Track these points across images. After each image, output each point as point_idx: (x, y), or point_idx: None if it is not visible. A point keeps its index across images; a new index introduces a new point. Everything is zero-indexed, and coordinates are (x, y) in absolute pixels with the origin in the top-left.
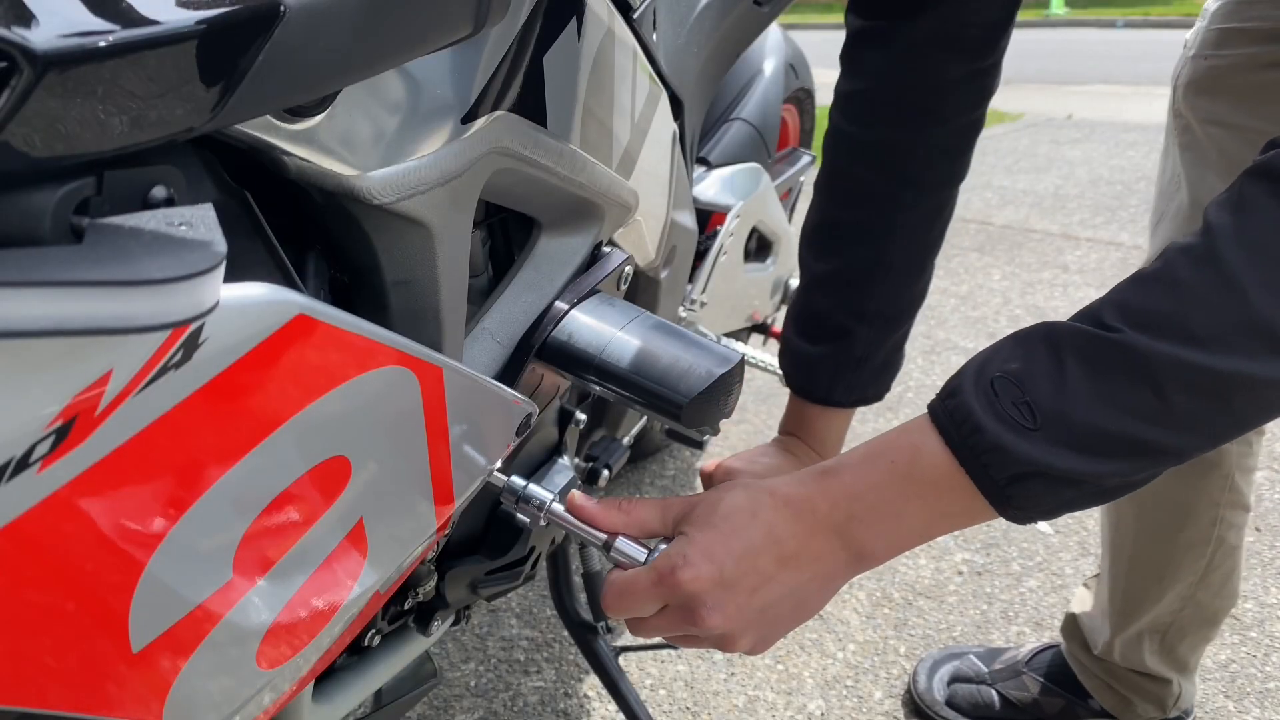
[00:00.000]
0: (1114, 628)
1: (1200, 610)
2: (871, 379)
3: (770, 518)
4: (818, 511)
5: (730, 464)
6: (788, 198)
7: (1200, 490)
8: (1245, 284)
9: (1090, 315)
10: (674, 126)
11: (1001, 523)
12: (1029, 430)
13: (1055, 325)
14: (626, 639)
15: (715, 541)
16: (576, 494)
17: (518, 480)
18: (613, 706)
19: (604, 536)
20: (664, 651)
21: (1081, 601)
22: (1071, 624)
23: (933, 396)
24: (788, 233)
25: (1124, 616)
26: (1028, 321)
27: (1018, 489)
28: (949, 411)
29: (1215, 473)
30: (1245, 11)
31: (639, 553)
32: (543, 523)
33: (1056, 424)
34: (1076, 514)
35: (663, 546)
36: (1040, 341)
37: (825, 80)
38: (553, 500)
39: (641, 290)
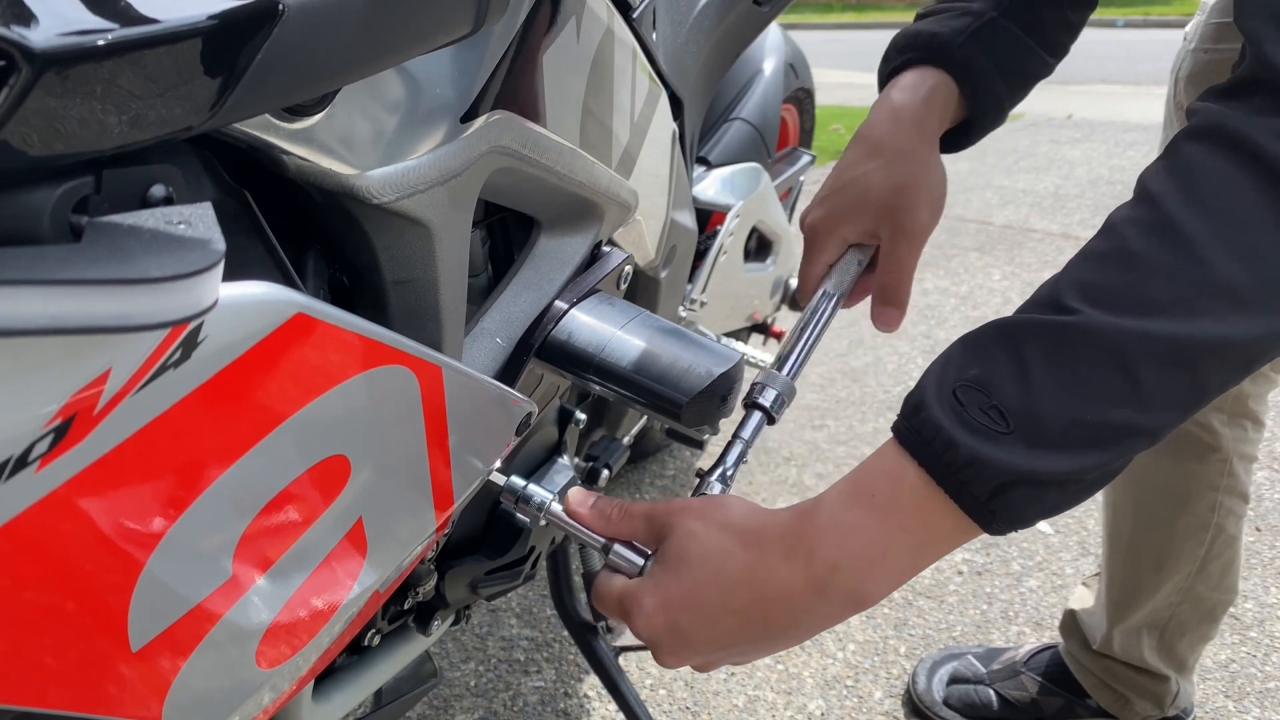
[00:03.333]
0: (1112, 619)
1: (1199, 604)
2: (987, 67)
3: (737, 575)
4: (793, 565)
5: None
6: (788, 197)
7: (1198, 476)
8: (1199, 244)
9: (1044, 300)
10: (674, 126)
11: None
12: (1002, 435)
13: (1008, 321)
14: (626, 639)
15: (673, 592)
16: (573, 496)
17: (517, 480)
18: (613, 706)
19: (603, 540)
20: None
21: (1081, 599)
22: (1070, 621)
23: None
24: (788, 232)
25: (1122, 607)
26: None
27: (1000, 501)
28: (916, 430)
29: (1213, 457)
30: None
31: (636, 559)
32: (542, 523)
33: (1029, 424)
34: (1076, 514)
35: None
36: (995, 340)
37: (825, 80)
38: (552, 500)
39: (641, 290)
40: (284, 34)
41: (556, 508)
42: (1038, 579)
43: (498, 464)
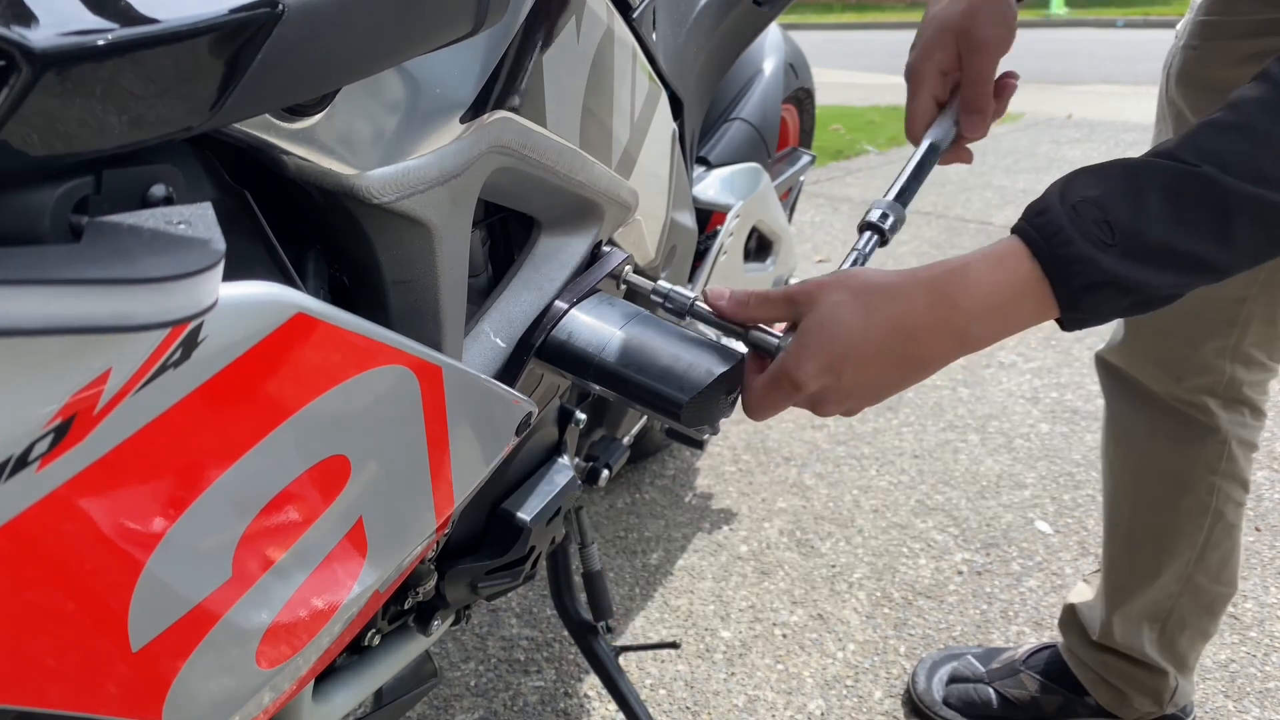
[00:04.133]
0: (1111, 605)
1: (1198, 596)
2: None
3: (887, 326)
4: (937, 314)
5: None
6: (787, 197)
7: (1197, 458)
8: None
9: (1165, 154)
10: (674, 126)
11: (1001, 523)
12: (1108, 245)
13: (1134, 160)
14: (626, 639)
15: (834, 351)
16: (710, 291)
17: (663, 284)
18: (613, 706)
19: (742, 328)
20: (664, 651)
21: (1080, 594)
22: (1070, 615)
23: (931, 396)
24: (787, 232)
25: (1122, 592)
26: None
27: (1087, 296)
28: (1038, 228)
29: (1212, 439)
30: (1227, 6)
31: (771, 341)
32: (686, 322)
33: (1131, 240)
34: (1077, 514)
35: (791, 340)
36: (1120, 172)
37: (825, 80)
38: (695, 300)
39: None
40: (284, 34)
41: (701, 306)
42: (1038, 579)
43: (495, 463)
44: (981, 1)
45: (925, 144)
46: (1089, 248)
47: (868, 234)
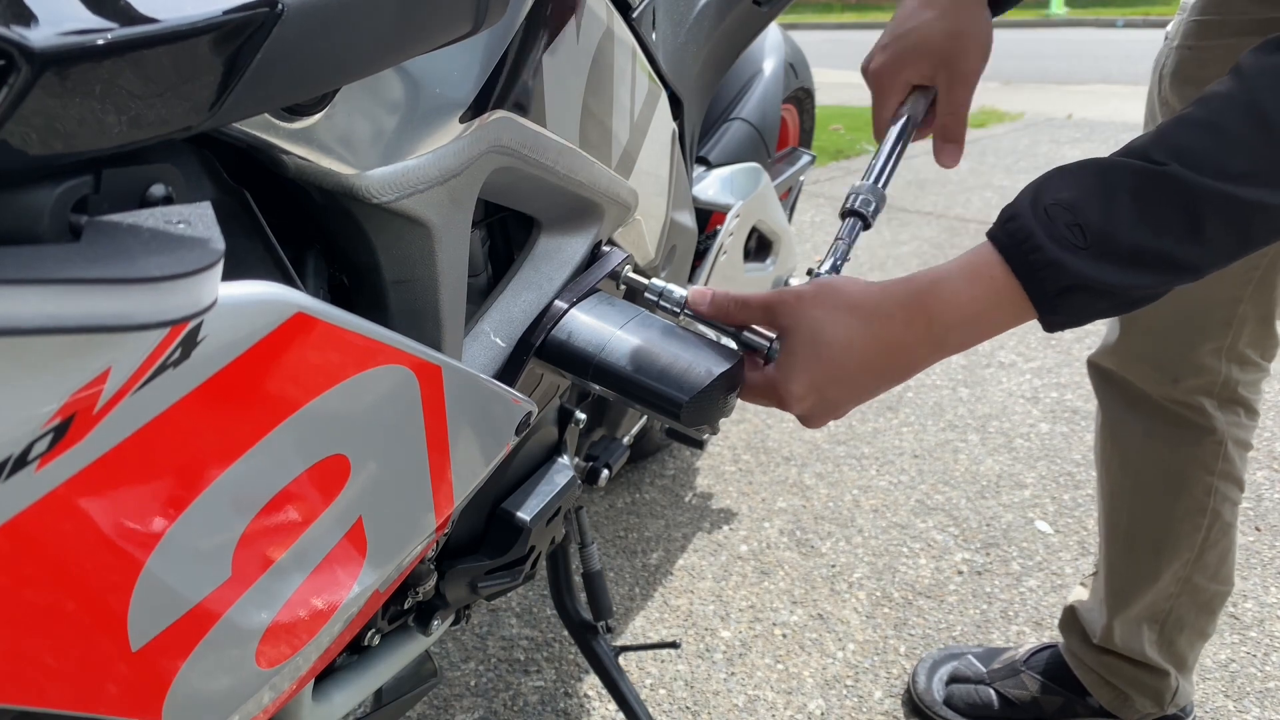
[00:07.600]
0: (1112, 610)
1: (1196, 595)
2: None
3: (869, 346)
4: (915, 329)
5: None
6: (787, 197)
7: (1194, 459)
8: (1277, 127)
9: (1137, 151)
10: (673, 126)
11: (1001, 523)
12: (1079, 249)
13: (1104, 160)
14: (626, 639)
15: (818, 372)
16: (692, 295)
17: (657, 282)
18: (613, 706)
19: (733, 329)
20: (664, 651)
21: (1079, 596)
22: (1070, 617)
23: (931, 396)
24: (787, 232)
25: (1121, 596)
26: None
27: (1064, 300)
28: (1010, 234)
29: (1208, 440)
30: (1221, 5)
31: (763, 342)
32: (681, 321)
33: (1103, 242)
34: (1077, 514)
35: (779, 350)
36: (1090, 173)
37: (825, 80)
38: (688, 299)
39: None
40: (284, 34)
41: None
42: (1038, 579)
43: (495, 463)
44: (967, 26)
45: (900, 122)
46: (1060, 252)
47: (851, 220)
